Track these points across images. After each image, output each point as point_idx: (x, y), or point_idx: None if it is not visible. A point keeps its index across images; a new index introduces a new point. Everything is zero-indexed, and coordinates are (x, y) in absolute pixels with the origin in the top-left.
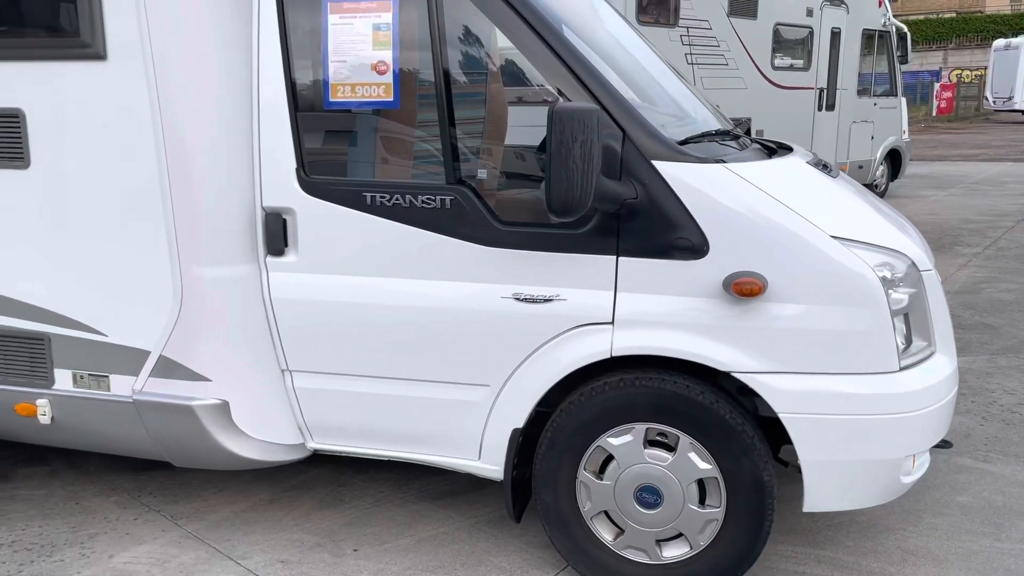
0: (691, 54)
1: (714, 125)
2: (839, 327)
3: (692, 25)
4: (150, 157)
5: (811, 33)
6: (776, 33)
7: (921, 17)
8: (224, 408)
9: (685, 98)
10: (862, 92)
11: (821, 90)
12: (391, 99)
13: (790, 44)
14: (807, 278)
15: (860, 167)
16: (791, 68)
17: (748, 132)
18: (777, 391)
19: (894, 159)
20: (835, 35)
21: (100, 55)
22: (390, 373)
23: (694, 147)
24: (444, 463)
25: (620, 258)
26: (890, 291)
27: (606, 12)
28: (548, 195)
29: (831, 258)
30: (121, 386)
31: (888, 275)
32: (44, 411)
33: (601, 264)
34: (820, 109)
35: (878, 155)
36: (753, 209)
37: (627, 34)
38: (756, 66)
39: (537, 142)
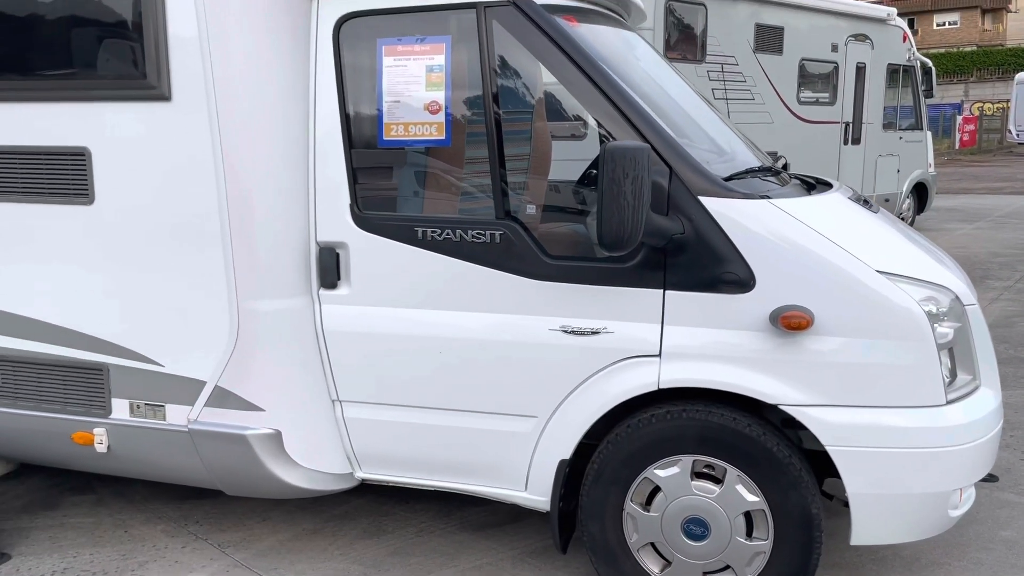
0: (718, 89)
1: (754, 161)
2: (886, 360)
3: (719, 61)
4: (210, 194)
5: (836, 68)
6: (801, 68)
7: (942, 50)
8: (277, 437)
9: (724, 135)
10: (887, 126)
11: (847, 124)
12: (443, 137)
13: (816, 79)
14: (853, 312)
15: (887, 200)
16: (817, 102)
17: (786, 167)
18: (824, 424)
19: (920, 192)
20: (860, 70)
21: (165, 96)
22: (439, 404)
23: (738, 183)
24: (491, 494)
25: (667, 291)
26: (935, 325)
27: (644, 50)
28: (600, 230)
29: (877, 292)
30: (177, 415)
31: (933, 309)
32: (101, 440)
33: (648, 297)
34: (846, 143)
35: (904, 188)
36: (799, 244)
37: (666, 72)
38: (782, 100)
39: (574, 175)
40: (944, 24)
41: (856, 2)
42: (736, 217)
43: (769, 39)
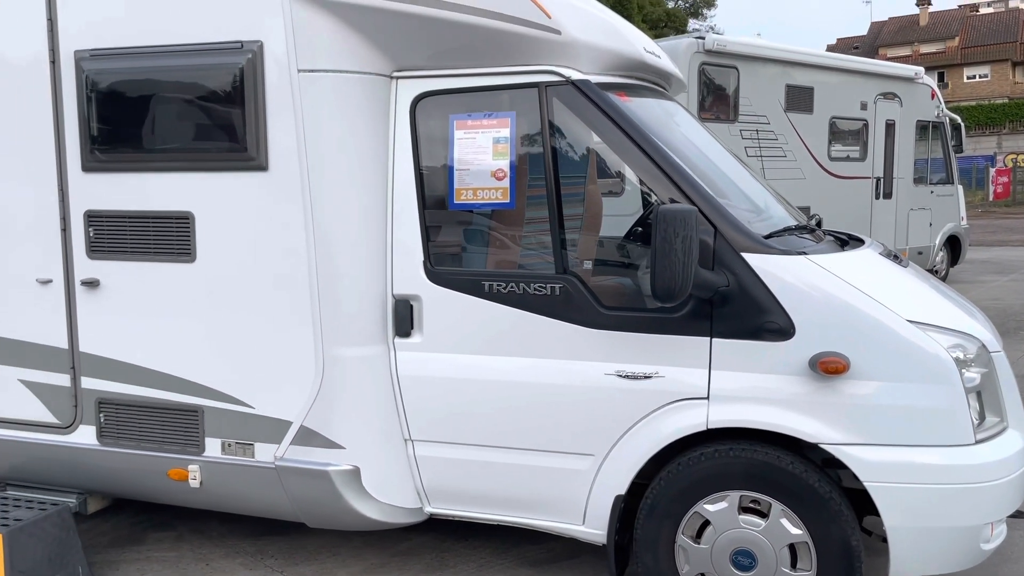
0: (751, 148)
1: (790, 220)
2: (918, 403)
3: (751, 121)
4: (300, 252)
5: (866, 125)
6: (832, 126)
7: (973, 103)
8: (356, 473)
9: (761, 194)
10: (918, 180)
11: (878, 179)
12: (507, 201)
13: (846, 136)
14: (887, 358)
15: (920, 253)
16: (848, 159)
17: (819, 224)
18: (862, 461)
19: (953, 245)
20: (890, 126)
21: (263, 167)
22: (503, 443)
23: (777, 240)
24: (550, 527)
25: (714, 339)
26: (963, 370)
27: (684, 117)
28: (653, 283)
29: (908, 340)
30: (264, 453)
31: (961, 356)
32: (195, 476)
33: (696, 344)
34: (877, 197)
35: (937, 241)
36: (835, 296)
37: (705, 136)
38: (814, 157)
39: (615, 230)
40: (975, 77)
41: (884, 62)
42: (776, 272)
43: (800, 99)
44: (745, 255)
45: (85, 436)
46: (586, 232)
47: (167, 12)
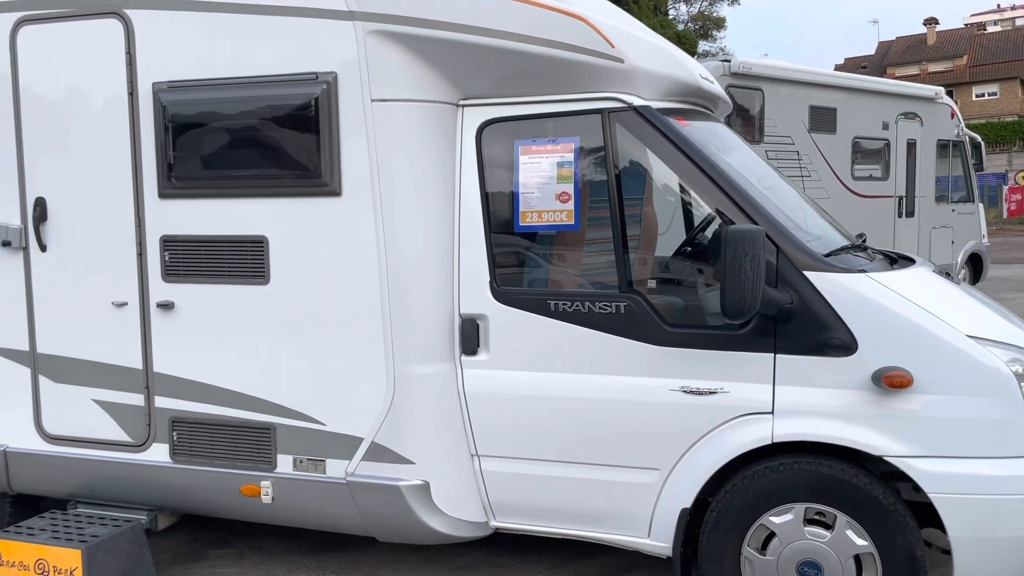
0: (776, 168)
1: (840, 238)
2: (978, 415)
3: (776, 141)
4: (372, 274)
5: (888, 145)
6: (855, 146)
7: (982, 121)
8: (425, 488)
9: (812, 214)
10: (940, 199)
11: (900, 198)
12: (572, 223)
13: (869, 155)
14: (948, 372)
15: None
16: (871, 178)
17: (864, 243)
18: (926, 473)
19: (975, 263)
20: (911, 146)
21: (336, 192)
22: (569, 458)
23: (836, 259)
24: (616, 541)
25: (778, 355)
26: (1022, 383)
27: (733, 138)
28: (723, 301)
29: (969, 355)
30: (336, 469)
31: (1019, 369)
32: (267, 492)
33: (761, 360)
34: (900, 216)
35: (959, 259)
36: (896, 313)
37: (754, 157)
38: (837, 177)
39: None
40: (984, 95)
41: (905, 83)
42: (838, 289)
43: (823, 119)
44: (807, 273)
45: (158, 454)
46: (647, 251)
47: (243, 45)
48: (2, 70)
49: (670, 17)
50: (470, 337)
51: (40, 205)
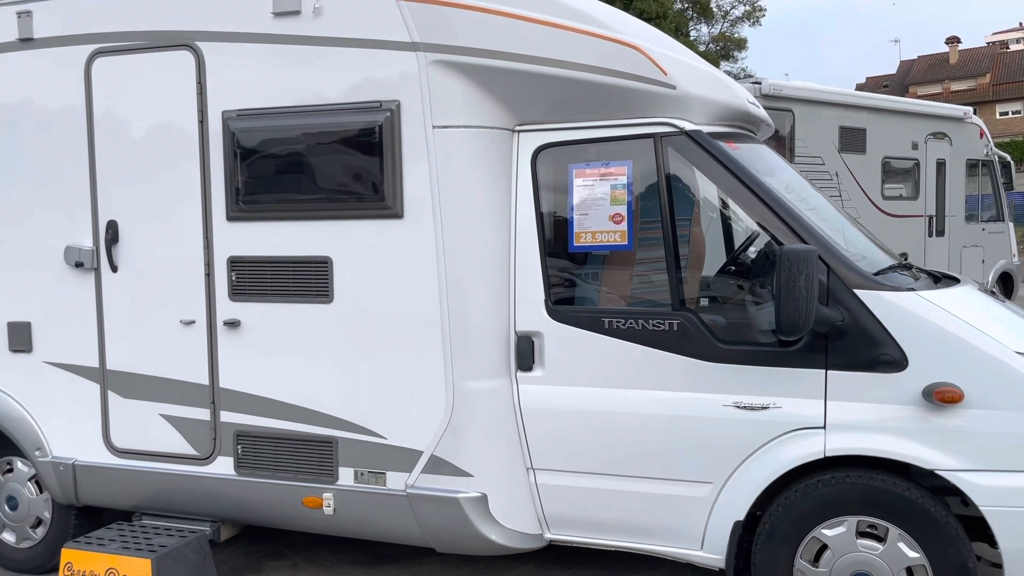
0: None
1: (885, 257)
2: None
3: (806, 161)
4: (432, 292)
5: (917, 164)
6: (885, 165)
7: (1007, 139)
8: (483, 500)
9: (856, 233)
10: (970, 218)
11: (930, 217)
12: (625, 243)
13: (898, 175)
14: (998, 388)
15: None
16: (900, 197)
17: (906, 260)
18: (977, 487)
19: (1006, 282)
20: (940, 165)
21: (398, 215)
22: (623, 471)
23: (884, 277)
24: (668, 553)
25: (829, 371)
26: None
27: (777, 159)
28: (778, 318)
29: (1018, 370)
30: (396, 481)
31: None
32: (329, 504)
33: (812, 376)
34: (931, 235)
35: (990, 278)
36: (946, 330)
37: (798, 178)
38: (867, 196)
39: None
40: (1007, 113)
41: (933, 103)
42: (888, 307)
43: (853, 140)
44: (858, 292)
45: (223, 467)
46: (698, 270)
47: (309, 75)
48: (77, 99)
49: (691, 38)
50: (526, 354)
51: (112, 228)
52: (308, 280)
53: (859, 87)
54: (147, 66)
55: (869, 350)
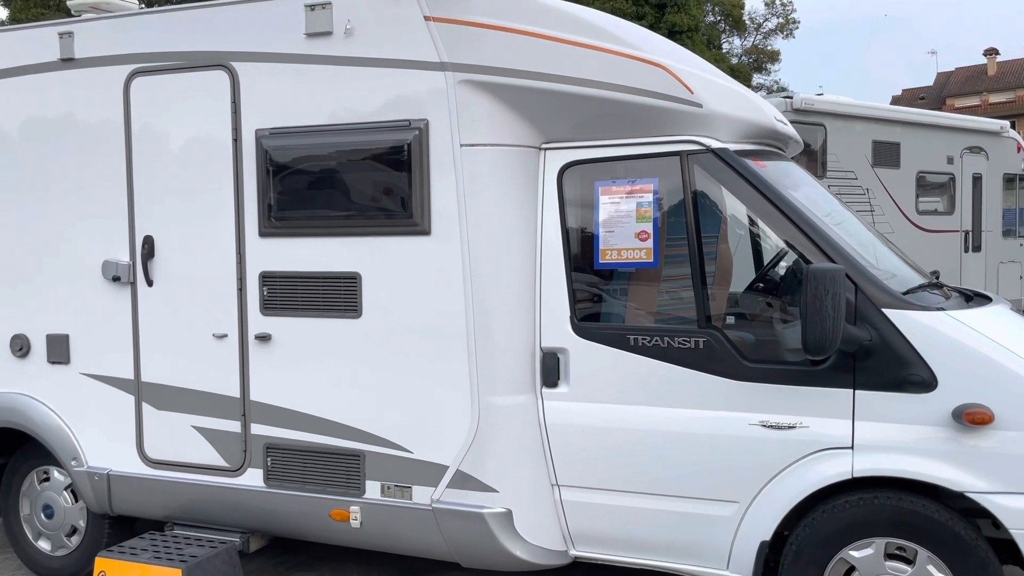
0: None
1: (915, 275)
2: None
3: (839, 176)
4: (459, 308)
5: (953, 179)
6: (919, 180)
7: None
8: (508, 516)
9: (885, 251)
10: (1007, 233)
11: (966, 232)
12: (651, 260)
13: (933, 190)
14: None
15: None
16: (936, 212)
17: (938, 279)
18: (1008, 509)
19: None
20: (976, 180)
21: (426, 231)
22: (648, 489)
23: (914, 296)
24: (694, 572)
25: (857, 391)
26: None
27: (804, 176)
28: (804, 337)
29: None
30: (422, 496)
31: None
32: (356, 517)
33: (840, 396)
34: (967, 251)
35: None
36: (977, 350)
37: (826, 195)
38: (901, 211)
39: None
40: None
41: (969, 116)
42: (917, 327)
43: (887, 154)
44: (887, 311)
45: (252, 478)
46: (724, 288)
47: (340, 94)
48: (116, 117)
49: (723, 51)
50: (551, 370)
51: (148, 243)
52: (337, 295)
53: (895, 99)
54: (183, 85)
55: (898, 370)
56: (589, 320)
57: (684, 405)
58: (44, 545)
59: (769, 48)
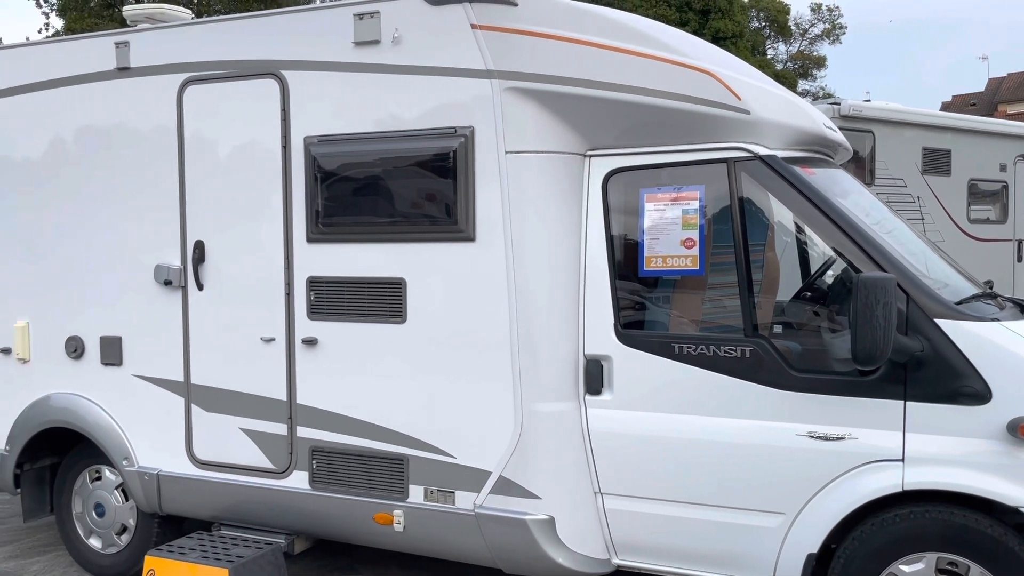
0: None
1: (967, 284)
2: None
3: (888, 184)
4: (503, 314)
5: (1005, 187)
6: (971, 188)
7: None
8: (551, 523)
9: (937, 260)
10: None
11: (1020, 241)
12: (697, 268)
13: (985, 197)
14: None
15: None
16: (988, 221)
17: (992, 290)
18: None
19: None
20: None
21: (471, 238)
22: (693, 499)
23: (967, 307)
24: None
25: (908, 402)
26: None
27: (853, 183)
28: (854, 348)
29: None
30: (464, 501)
31: None
32: (399, 520)
33: (890, 407)
34: (1020, 260)
35: None
36: None
37: (878, 204)
38: (952, 220)
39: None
40: None
41: (1022, 123)
42: (971, 338)
43: (937, 161)
44: (939, 321)
45: (298, 481)
46: (771, 296)
47: (387, 102)
48: (170, 125)
49: (768, 57)
50: (594, 377)
51: (199, 248)
52: (383, 300)
53: (945, 105)
54: (235, 93)
55: (950, 381)
56: (633, 328)
57: (729, 415)
58: (95, 543)
59: (815, 54)
